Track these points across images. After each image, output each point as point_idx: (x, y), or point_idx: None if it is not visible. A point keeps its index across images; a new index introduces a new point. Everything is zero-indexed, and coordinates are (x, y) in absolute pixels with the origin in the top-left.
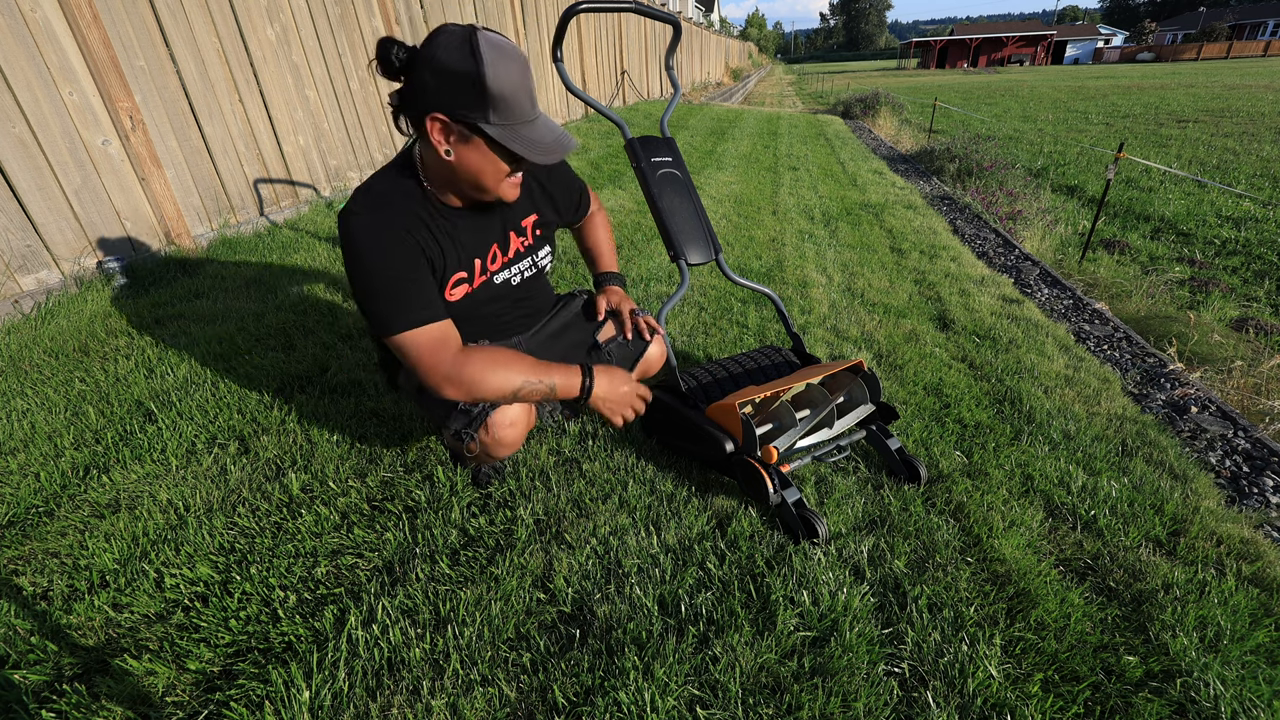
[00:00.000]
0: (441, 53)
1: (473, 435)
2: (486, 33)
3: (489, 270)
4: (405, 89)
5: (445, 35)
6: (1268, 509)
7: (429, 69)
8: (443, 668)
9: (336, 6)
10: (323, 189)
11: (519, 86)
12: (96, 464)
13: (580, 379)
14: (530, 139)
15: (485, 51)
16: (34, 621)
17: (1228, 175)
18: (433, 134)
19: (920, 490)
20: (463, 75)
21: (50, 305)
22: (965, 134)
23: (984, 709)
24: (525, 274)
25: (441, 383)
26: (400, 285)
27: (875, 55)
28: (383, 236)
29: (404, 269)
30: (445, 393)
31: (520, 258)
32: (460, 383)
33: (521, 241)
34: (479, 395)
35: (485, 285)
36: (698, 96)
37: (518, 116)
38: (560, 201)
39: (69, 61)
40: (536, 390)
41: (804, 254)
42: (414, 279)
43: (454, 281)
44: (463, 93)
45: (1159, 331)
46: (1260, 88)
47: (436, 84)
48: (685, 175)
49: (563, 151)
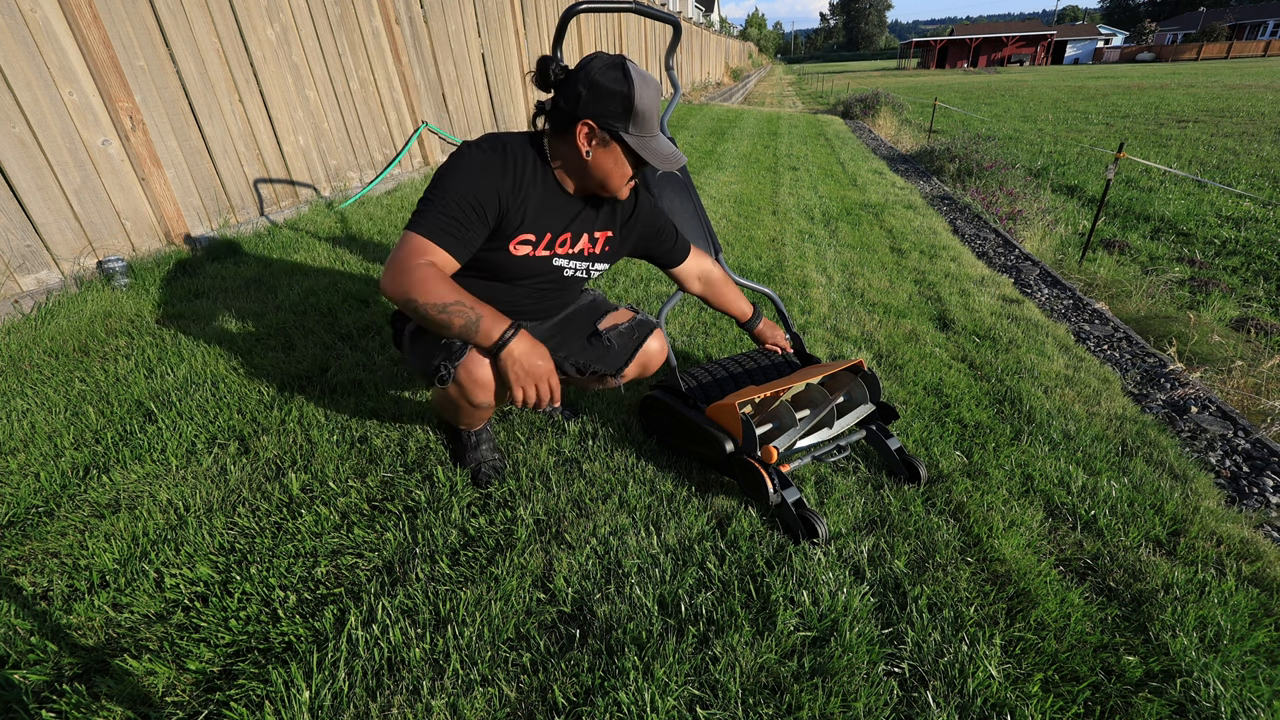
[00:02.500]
0: (598, 74)
1: (451, 370)
2: (632, 62)
3: (554, 249)
4: (558, 98)
5: (600, 60)
6: (1268, 509)
7: (585, 84)
8: (443, 668)
9: (336, 6)
10: (323, 189)
11: (653, 108)
12: (96, 464)
13: (504, 327)
14: (655, 150)
15: (635, 76)
16: (34, 621)
17: (1228, 175)
18: (579, 136)
19: (920, 490)
20: (616, 93)
21: (50, 305)
22: (965, 134)
23: (984, 709)
24: (576, 273)
25: (391, 275)
26: (452, 210)
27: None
28: (478, 174)
29: (468, 206)
30: (385, 285)
31: (581, 258)
32: (407, 278)
33: (589, 246)
34: (414, 296)
35: (545, 260)
36: (698, 96)
37: (648, 131)
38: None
39: (69, 61)
40: (463, 315)
41: (804, 254)
42: (466, 216)
43: (522, 239)
44: (613, 107)
45: (1159, 331)
46: (1260, 88)
47: (592, 97)
48: (685, 175)
49: (677, 163)
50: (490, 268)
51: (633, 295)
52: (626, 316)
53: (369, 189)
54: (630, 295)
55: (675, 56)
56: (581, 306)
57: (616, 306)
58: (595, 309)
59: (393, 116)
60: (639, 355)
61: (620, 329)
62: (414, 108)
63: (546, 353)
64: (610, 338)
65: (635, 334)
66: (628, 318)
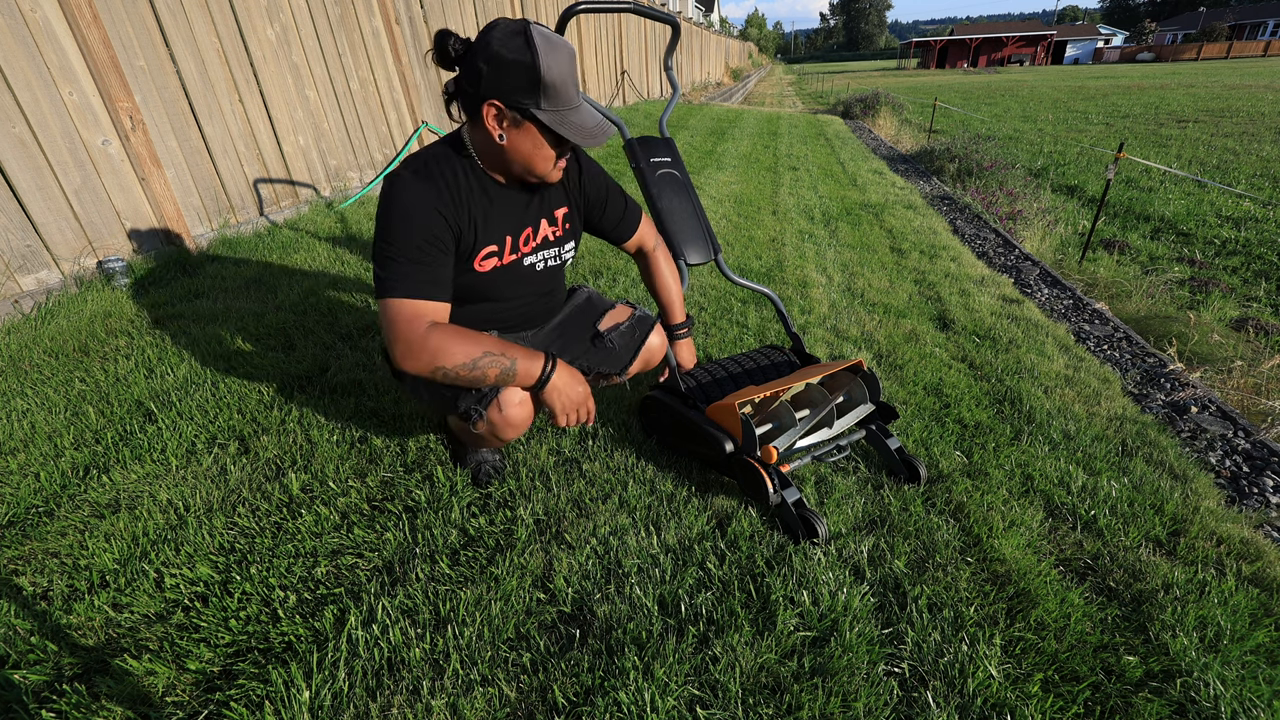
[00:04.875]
0: (497, 44)
1: (481, 413)
2: (538, 26)
3: (520, 250)
4: (460, 78)
5: (500, 28)
6: (1268, 509)
7: (485, 59)
8: (443, 668)
9: (336, 6)
10: (323, 189)
11: (567, 76)
12: (96, 464)
13: (542, 364)
14: (576, 124)
15: (539, 43)
16: (34, 621)
17: (1228, 175)
18: (488, 120)
19: (920, 490)
20: (518, 65)
21: (50, 305)
22: (965, 134)
23: (984, 709)
24: (550, 263)
25: (403, 354)
26: (413, 258)
27: (875, 55)
28: (416, 208)
29: (423, 245)
30: (405, 365)
31: (548, 245)
32: (421, 353)
33: (552, 230)
34: (441, 364)
35: (515, 264)
36: (697, 96)
37: (565, 103)
38: (593, 200)
39: (69, 61)
40: (497, 365)
41: (804, 254)
42: (428, 258)
43: (485, 254)
44: (517, 81)
45: (1159, 331)
46: (1260, 88)
47: (492, 73)
48: (684, 175)
49: (604, 136)
50: (468, 293)
51: (633, 295)
52: (625, 314)
53: (369, 189)
54: (631, 295)
55: (675, 57)
56: (577, 307)
57: (613, 304)
58: (592, 309)
59: (393, 116)
60: (641, 352)
61: (621, 328)
62: (414, 108)
63: (582, 377)
64: (612, 338)
65: (636, 332)
66: (627, 315)
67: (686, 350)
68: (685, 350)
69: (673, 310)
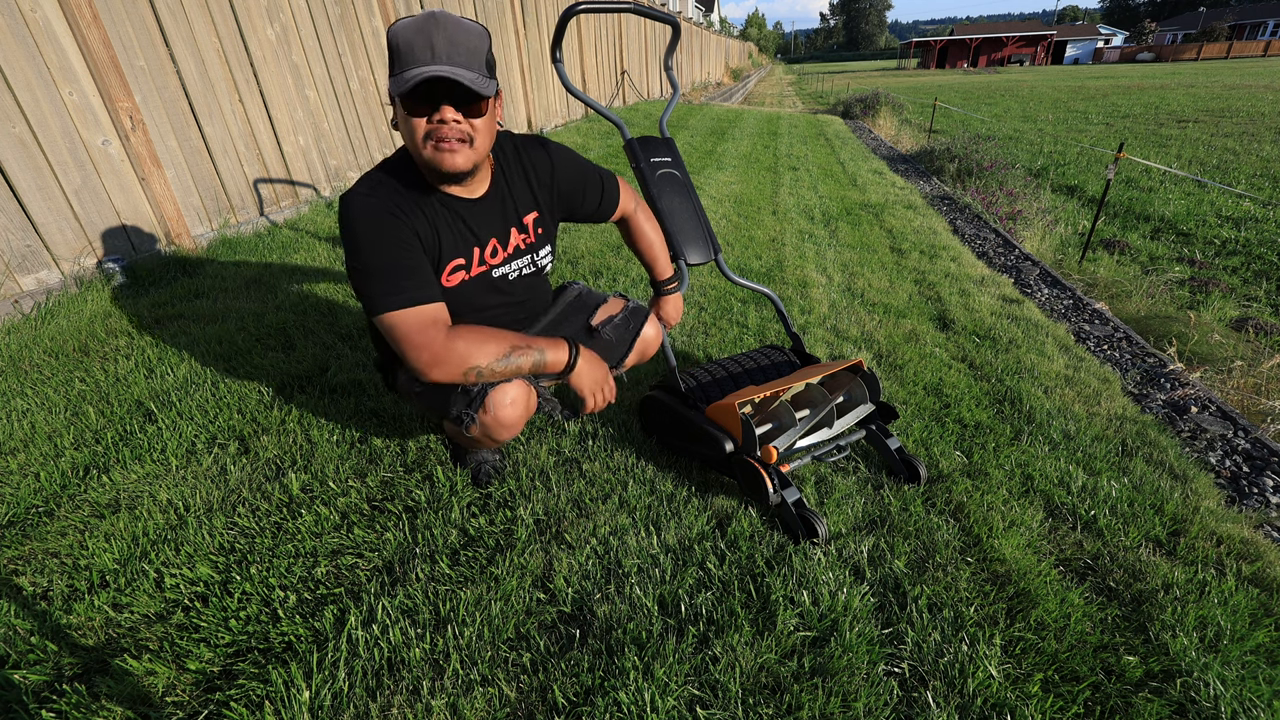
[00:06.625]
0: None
1: (473, 416)
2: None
3: (488, 263)
4: None
5: None
6: (1268, 509)
7: None
8: (443, 668)
9: (336, 6)
10: (323, 189)
11: (412, 39)
12: (96, 464)
13: (568, 350)
14: (404, 76)
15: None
16: (34, 621)
17: (1228, 175)
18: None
19: (920, 490)
20: (389, 46)
21: (50, 305)
22: (965, 134)
23: (984, 709)
24: (524, 271)
25: (429, 363)
26: (394, 264)
27: (875, 55)
28: (378, 216)
29: (398, 249)
30: (432, 374)
31: (520, 254)
32: (450, 358)
33: (523, 238)
34: (474, 364)
35: (484, 276)
36: (698, 96)
37: (409, 63)
38: (569, 192)
39: (69, 61)
40: (526, 357)
41: (804, 254)
42: (408, 259)
43: (451, 268)
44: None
45: (1159, 331)
46: (1260, 88)
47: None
48: (684, 175)
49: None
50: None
51: (631, 296)
52: (619, 306)
53: None
54: (631, 295)
55: (675, 57)
56: (569, 304)
57: (605, 297)
58: (584, 304)
59: None
60: (637, 344)
61: (615, 321)
62: None
63: (599, 358)
64: (607, 332)
65: (630, 324)
66: (620, 307)
67: (675, 305)
68: (674, 305)
69: (658, 266)
